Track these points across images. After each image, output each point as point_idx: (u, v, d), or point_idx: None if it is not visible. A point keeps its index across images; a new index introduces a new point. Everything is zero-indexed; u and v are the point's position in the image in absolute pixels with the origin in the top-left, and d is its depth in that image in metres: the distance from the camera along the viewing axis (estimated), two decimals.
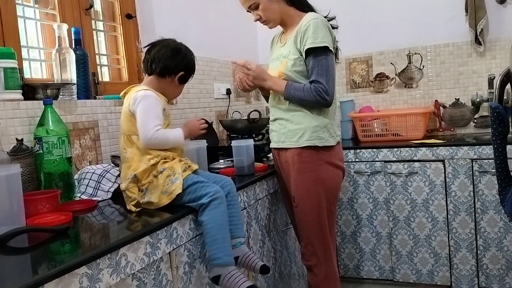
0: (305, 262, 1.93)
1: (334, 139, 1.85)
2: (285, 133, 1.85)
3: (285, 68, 1.83)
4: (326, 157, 1.83)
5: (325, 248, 1.87)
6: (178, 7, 2.51)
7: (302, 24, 1.79)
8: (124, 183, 1.45)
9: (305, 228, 1.88)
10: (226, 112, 2.90)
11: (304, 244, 1.91)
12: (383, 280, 2.72)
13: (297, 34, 1.80)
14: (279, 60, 1.89)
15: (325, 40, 1.75)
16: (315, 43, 1.74)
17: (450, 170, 2.50)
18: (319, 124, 1.81)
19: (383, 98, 3.17)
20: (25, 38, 1.80)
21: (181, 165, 1.46)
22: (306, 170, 1.82)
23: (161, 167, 1.44)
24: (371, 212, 2.69)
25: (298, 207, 1.87)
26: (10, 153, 1.43)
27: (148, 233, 1.21)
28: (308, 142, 1.80)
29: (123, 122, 1.51)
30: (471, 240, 2.49)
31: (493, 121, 1.66)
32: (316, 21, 1.77)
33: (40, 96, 1.62)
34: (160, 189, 1.42)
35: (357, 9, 3.12)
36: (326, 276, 1.88)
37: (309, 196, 1.82)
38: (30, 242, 1.16)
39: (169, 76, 1.56)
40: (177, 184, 1.40)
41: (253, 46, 3.38)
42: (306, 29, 1.77)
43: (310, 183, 1.82)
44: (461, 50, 2.97)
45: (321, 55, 1.76)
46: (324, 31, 1.77)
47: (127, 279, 1.15)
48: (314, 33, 1.75)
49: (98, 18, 2.17)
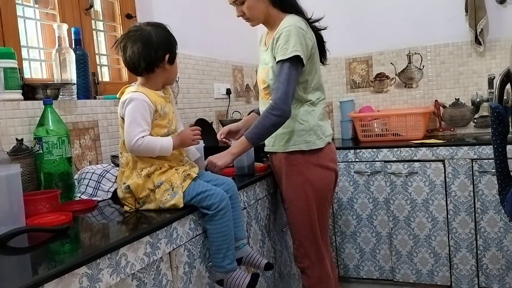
0: (298, 264, 1.94)
1: (322, 141, 1.82)
2: (274, 136, 1.83)
3: (266, 76, 1.81)
4: (314, 160, 1.81)
5: (317, 250, 1.87)
6: (178, 7, 2.51)
7: (278, 31, 1.75)
8: (120, 192, 1.41)
9: (296, 230, 1.89)
10: (226, 112, 2.89)
11: (296, 247, 1.92)
12: (383, 280, 2.72)
13: (273, 41, 1.76)
14: (262, 66, 1.87)
15: (294, 49, 1.68)
16: (286, 54, 1.69)
17: (450, 170, 2.50)
18: (305, 127, 1.80)
19: (383, 98, 3.17)
20: (25, 38, 1.80)
21: (179, 175, 1.40)
22: (293, 173, 1.82)
23: (158, 180, 1.38)
24: (371, 212, 2.69)
25: (289, 210, 1.88)
26: (10, 153, 1.43)
27: (148, 233, 1.21)
28: (294, 147, 1.80)
29: (119, 125, 1.46)
30: (471, 240, 2.49)
31: (493, 121, 1.66)
32: (288, 29, 1.71)
33: (40, 96, 1.61)
34: (158, 204, 1.39)
35: (357, 9, 3.12)
36: (319, 278, 1.88)
37: (298, 198, 1.83)
38: (30, 242, 1.16)
39: (157, 67, 1.42)
40: (177, 199, 1.37)
41: (253, 46, 3.37)
42: (278, 38, 1.72)
43: (298, 186, 1.82)
44: (461, 50, 2.97)
45: (287, 65, 1.69)
46: (294, 40, 1.69)
47: (127, 279, 1.15)
48: (286, 43, 1.69)
49: (98, 18, 2.17)
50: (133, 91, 1.40)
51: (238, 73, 3.11)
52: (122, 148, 1.44)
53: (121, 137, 1.45)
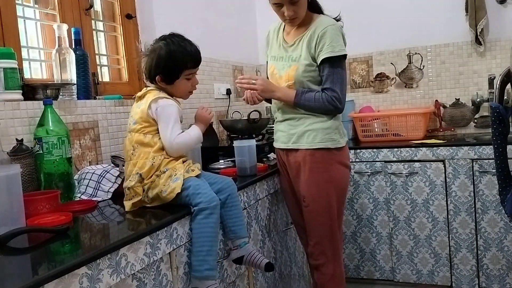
0: (313, 261, 1.94)
1: (343, 139, 1.88)
2: (296, 133, 1.85)
3: (296, 73, 1.82)
4: (337, 157, 1.85)
5: (334, 247, 1.89)
6: (178, 7, 2.50)
7: (318, 29, 1.78)
8: (131, 181, 1.43)
9: (316, 228, 1.89)
10: (226, 112, 2.89)
11: (313, 244, 1.91)
12: (383, 281, 2.72)
13: (311, 38, 1.79)
14: (287, 62, 1.86)
15: (342, 48, 1.77)
16: (334, 52, 1.75)
17: (450, 170, 2.50)
18: (331, 125, 1.84)
19: (383, 98, 3.17)
20: (25, 38, 1.80)
21: (184, 166, 1.47)
22: (318, 170, 1.83)
23: (165, 167, 1.45)
24: (371, 212, 2.69)
25: (309, 207, 1.87)
26: (10, 153, 1.43)
27: (148, 233, 1.21)
28: (321, 144, 1.82)
29: (137, 122, 1.48)
30: (471, 240, 2.49)
31: (493, 121, 1.66)
32: (333, 28, 1.77)
33: (40, 96, 1.61)
34: (161, 188, 1.42)
35: (357, 9, 3.11)
36: (333, 275, 1.89)
37: (320, 196, 1.84)
38: (30, 243, 1.16)
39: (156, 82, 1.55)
40: (178, 183, 1.40)
41: (253, 46, 3.38)
42: (323, 35, 1.76)
43: (322, 183, 1.83)
44: (462, 50, 2.96)
45: (337, 64, 1.78)
46: (341, 39, 1.79)
47: (127, 279, 1.15)
48: (332, 41, 1.75)
49: (98, 18, 2.17)
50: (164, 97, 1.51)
51: (238, 73, 3.11)
52: (137, 141, 1.47)
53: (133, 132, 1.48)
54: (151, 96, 1.50)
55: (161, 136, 1.47)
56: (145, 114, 1.47)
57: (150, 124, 1.48)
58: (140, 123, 1.48)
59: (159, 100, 1.49)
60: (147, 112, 1.47)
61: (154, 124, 1.48)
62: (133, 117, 1.51)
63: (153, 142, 1.46)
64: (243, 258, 1.55)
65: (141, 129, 1.47)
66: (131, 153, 1.47)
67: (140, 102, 1.52)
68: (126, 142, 1.51)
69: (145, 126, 1.47)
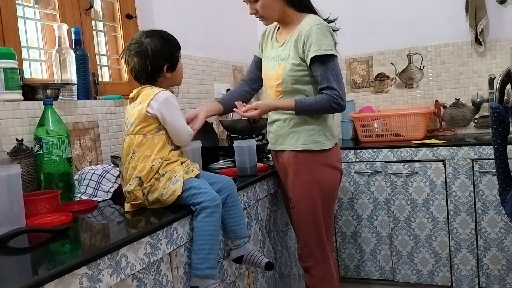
0: (302, 263, 1.94)
1: (330, 141, 1.84)
2: (282, 135, 1.85)
3: (283, 72, 1.81)
4: (322, 159, 1.83)
5: (322, 249, 1.87)
6: (178, 7, 2.50)
7: (304, 29, 1.76)
8: (130, 185, 1.41)
9: (302, 229, 1.88)
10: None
11: (301, 246, 1.92)
12: (384, 281, 2.72)
13: (298, 38, 1.77)
14: (277, 62, 1.85)
15: (330, 47, 1.74)
16: (321, 50, 1.72)
17: (450, 170, 2.49)
18: (315, 127, 1.81)
19: (383, 98, 3.17)
20: (25, 38, 1.80)
21: (182, 167, 1.46)
22: (301, 171, 1.82)
23: (163, 169, 1.43)
24: (371, 212, 2.68)
25: (295, 209, 1.87)
26: (10, 153, 1.43)
27: (148, 233, 1.21)
28: (303, 146, 1.81)
29: (135, 123, 1.45)
30: (471, 241, 2.49)
31: (493, 121, 1.67)
32: (318, 27, 1.74)
33: (40, 97, 1.61)
34: (161, 191, 1.41)
35: (357, 9, 3.12)
36: (323, 277, 1.88)
37: (304, 197, 1.83)
38: (30, 243, 1.16)
39: (158, 77, 1.53)
40: (178, 186, 1.39)
41: (253, 46, 3.37)
42: (309, 34, 1.74)
43: (305, 185, 1.82)
44: (462, 50, 2.96)
45: (329, 62, 1.74)
46: (327, 38, 1.75)
47: (127, 279, 1.14)
48: (318, 40, 1.72)
49: (98, 18, 2.17)
50: (161, 91, 1.48)
51: (238, 73, 3.11)
52: (138, 143, 1.44)
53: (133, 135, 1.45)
54: (147, 94, 1.46)
55: (175, 128, 1.47)
56: (143, 113, 1.44)
57: (149, 123, 1.44)
58: (138, 124, 1.45)
59: (158, 94, 1.45)
60: (146, 110, 1.43)
61: (153, 122, 1.45)
62: (129, 119, 1.47)
63: (154, 143, 1.44)
64: (243, 257, 1.55)
65: (140, 130, 1.44)
66: (130, 157, 1.45)
67: (134, 102, 1.49)
68: (124, 145, 1.47)
69: (143, 126, 1.44)
